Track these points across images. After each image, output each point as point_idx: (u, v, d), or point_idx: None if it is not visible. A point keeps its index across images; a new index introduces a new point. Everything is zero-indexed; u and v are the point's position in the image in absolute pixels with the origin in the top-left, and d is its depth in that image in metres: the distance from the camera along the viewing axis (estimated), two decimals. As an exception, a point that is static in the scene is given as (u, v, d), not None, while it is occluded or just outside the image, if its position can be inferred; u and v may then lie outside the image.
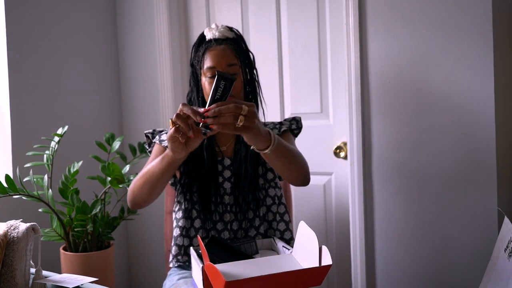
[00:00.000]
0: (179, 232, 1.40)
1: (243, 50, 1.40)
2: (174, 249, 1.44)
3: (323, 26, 1.91)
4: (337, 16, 1.86)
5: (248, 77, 1.42)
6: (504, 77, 1.65)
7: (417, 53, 1.66)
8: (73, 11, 2.07)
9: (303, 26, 1.94)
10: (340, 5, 1.82)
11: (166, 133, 1.46)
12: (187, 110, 1.09)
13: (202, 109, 1.09)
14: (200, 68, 1.38)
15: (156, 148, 1.45)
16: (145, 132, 1.52)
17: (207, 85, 1.36)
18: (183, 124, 1.10)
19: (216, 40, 1.37)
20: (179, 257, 1.41)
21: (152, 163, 1.31)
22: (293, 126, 1.48)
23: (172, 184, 1.48)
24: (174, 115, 1.11)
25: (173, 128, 1.12)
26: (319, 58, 1.92)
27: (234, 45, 1.37)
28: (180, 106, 1.11)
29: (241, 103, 1.08)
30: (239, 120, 1.07)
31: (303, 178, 1.34)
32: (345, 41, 1.76)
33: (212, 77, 1.34)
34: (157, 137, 1.47)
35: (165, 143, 1.42)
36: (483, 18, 1.55)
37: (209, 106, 1.09)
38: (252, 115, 1.09)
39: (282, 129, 1.45)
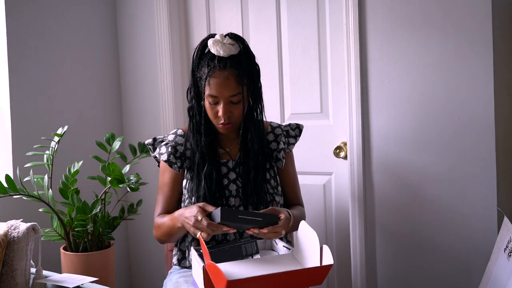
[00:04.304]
0: (192, 237, 1.41)
1: (246, 71, 1.35)
2: (177, 251, 1.46)
3: (323, 26, 1.91)
4: (337, 16, 1.86)
5: (251, 103, 1.41)
6: (504, 77, 1.65)
7: (417, 53, 1.66)
8: (73, 11, 2.07)
9: (303, 26, 1.94)
10: (340, 5, 1.82)
11: (165, 143, 1.47)
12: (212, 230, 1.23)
13: (226, 228, 1.21)
14: (204, 85, 1.35)
15: (162, 166, 1.48)
16: (145, 142, 1.53)
17: (210, 110, 1.37)
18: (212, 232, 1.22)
19: (219, 61, 1.32)
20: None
21: (164, 222, 1.41)
22: (298, 139, 1.55)
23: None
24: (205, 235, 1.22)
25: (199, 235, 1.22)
26: (319, 58, 1.92)
27: (238, 69, 1.32)
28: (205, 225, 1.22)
29: (280, 230, 1.23)
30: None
31: None
32: (345, 41, 1.76)
33: (214, 104, 1.36)
34: (157, 149, 1.48)
35: (164, 157, 1.44)
36: (483, 18, 1.55)
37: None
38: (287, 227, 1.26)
39: (291, 149, 1.53)
